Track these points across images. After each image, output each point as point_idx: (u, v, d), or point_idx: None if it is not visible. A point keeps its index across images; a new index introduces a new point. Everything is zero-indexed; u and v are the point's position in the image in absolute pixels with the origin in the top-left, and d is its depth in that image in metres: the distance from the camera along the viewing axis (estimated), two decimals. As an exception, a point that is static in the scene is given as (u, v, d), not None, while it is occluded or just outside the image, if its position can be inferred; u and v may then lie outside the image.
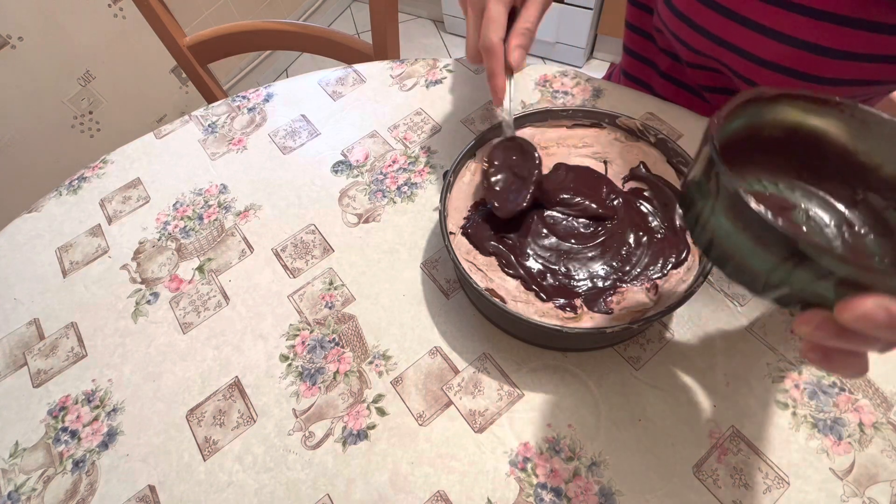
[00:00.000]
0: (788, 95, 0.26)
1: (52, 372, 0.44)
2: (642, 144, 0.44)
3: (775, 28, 0.43)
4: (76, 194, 0.55)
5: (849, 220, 0.29)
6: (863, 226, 0.28)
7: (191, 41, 0.81)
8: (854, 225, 0.29)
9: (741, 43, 0.46)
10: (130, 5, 1.26)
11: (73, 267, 0.50)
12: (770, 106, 0.27)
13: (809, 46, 0.42)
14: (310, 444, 0.38)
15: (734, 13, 0.45)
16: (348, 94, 0.59)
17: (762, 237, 0.21)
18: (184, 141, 0.58)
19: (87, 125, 1.32)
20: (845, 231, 0.29)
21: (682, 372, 0.39)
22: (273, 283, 0.46)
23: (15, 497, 0.39)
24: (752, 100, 0.26)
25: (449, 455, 0.37)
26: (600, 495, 0.35)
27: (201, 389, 0.42)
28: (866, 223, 0.28)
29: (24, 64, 1.14)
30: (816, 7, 0.40)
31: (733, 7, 0.45)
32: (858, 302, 0.19)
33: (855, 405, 0.37)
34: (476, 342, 0.41)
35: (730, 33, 0.46)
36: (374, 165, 0.53)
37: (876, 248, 0.28)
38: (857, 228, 0.28)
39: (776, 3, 0.42)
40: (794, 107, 0.27)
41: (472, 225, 0.42)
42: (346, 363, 0.42)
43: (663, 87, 0.60)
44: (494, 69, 0.40)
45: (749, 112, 0.26)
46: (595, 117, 0.45)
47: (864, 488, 0.34)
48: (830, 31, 0.41)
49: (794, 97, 0.27)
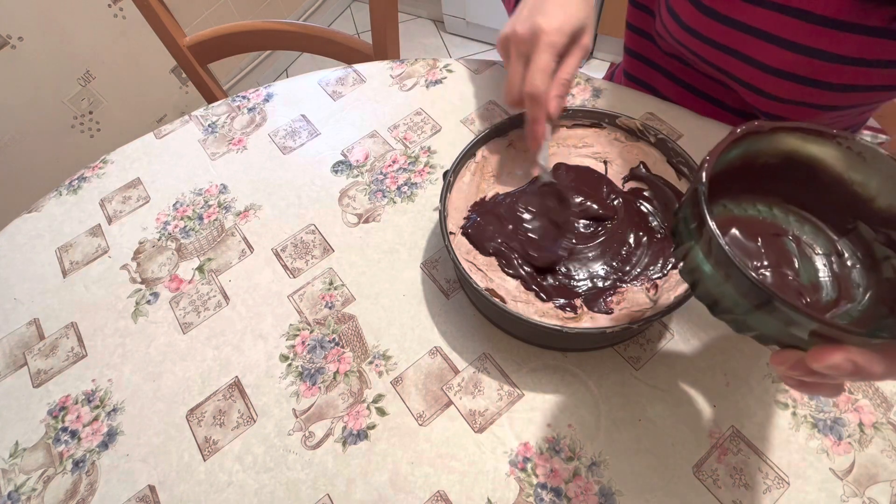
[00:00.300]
0: (784, 128, 0.27)
1: (52, 372, 0.44)
2: (642, 144, 0.44)
3: (780, 35, 0.43)
4: (76, 194, 0.55)
5: (838, 250, 0.29)
6: (852, 256, 0.29)
7: (191, 41, 0.81)
8: (843, 254, 0.29)
9: (748, 51, 0.46)
10: (130, 5, 1.26)
11: (73, 267, 0.50)
12: (767, 137, 0.27)
13: (813, 52, 0.42)
14: (310, 444, 0.38)
15: (739, 22, 0.45)
16: (348, 94, 0.59)
17: (741, 287, 0.23)
18: (184, 141, 0.58)
19: (87, 125, 1.32)
20: (834, 261, 0.29)
21: (682, 372, 0.39)
22: (273, 283, 0.46)
23: (15, 497, 0.39)
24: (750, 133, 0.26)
25: (449, 455, 0.37)
26: (600, 495, 0.35)
27: (201, 389, 0.42)
28: (855, 254, 0.29)
29: (24, 64, 1.14)
30: (817, 12, 0.41)
31: (738, 17, 0.45)
32: (828, 353, 0.21)
33: (855, 405, 0.37)
34: (476, 342, 0.41)
35: (736, 42, 0.46)
36: (374, 165, 0.53)
37: (861, 280, 0.28)
38: (845, 258, 0.29)
39: (779, 9, 0.42)
40: (792, 136, 0.27)
41: (472, 225, 0.42)
42: (346, 363, 0.42)
43: (668, 88, 0.60)
44: (538, 116, 0.41)
45: (746, 143, 0.27)
46: (595, 117, 0.45)
47: (864, 488, 0.34)
48: (831, 36, 0.41)
49: (790, 129, 0.27)
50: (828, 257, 0.29)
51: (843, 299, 0.28)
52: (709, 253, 0.24)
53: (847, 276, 0.29)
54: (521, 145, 0.46)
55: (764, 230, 0.30)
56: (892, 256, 0.27)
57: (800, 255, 0.30)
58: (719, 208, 0.31)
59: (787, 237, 0.30)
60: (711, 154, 0.25)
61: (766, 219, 0.31)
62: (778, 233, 0.30)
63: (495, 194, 0.44)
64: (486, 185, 0.44)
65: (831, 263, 0.29)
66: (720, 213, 0.31)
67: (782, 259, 0.30)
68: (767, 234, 0.30)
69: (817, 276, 0.29)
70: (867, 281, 0.28)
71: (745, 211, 0.31)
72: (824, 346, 0.21)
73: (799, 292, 0.28)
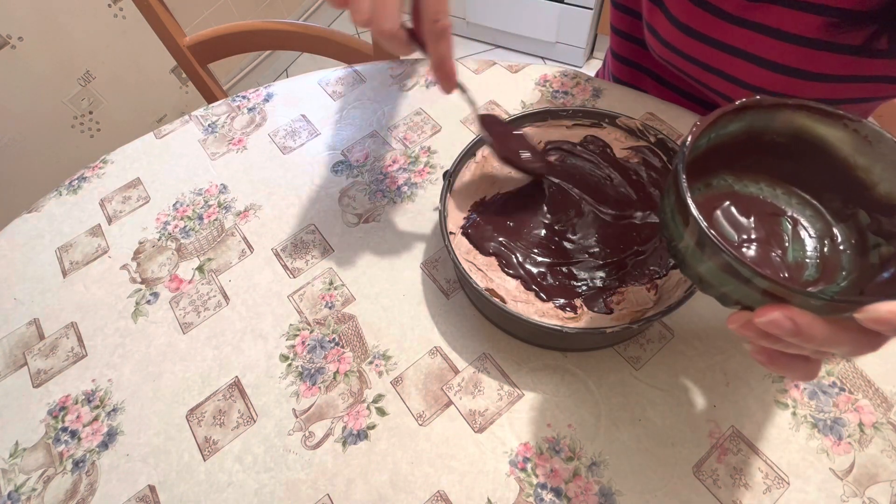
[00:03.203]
0: (789, 105, 0.27)
1: (52, 372, 0.44)
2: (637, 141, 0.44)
3: (758, 54, 0.44)
4: (76, 194, 0.55)
5: (833, 234, 0.30)
6: (845, 241, 0.29)
7: (191, 41, 0.81)
8: (836, 239, 0.29)
9: (729, 70, 0.46)
10: (130, 5, 1.26)
11: (73, 267, 0.50)
12: (770, 113, 0.27)
13: (792, 71, 0.43)
14: (310, 444, 0.38)
15: (716, 41, 0.45)
16: (348, 94, 0.59)
17: (702, 242, 0.24)
18: (184, 141, 0.58)
19: (87, 125, 1.32)
20: (826, 243, 0.29)
21: (682, 372, 0.39)
22: (273, 283, 0.46)
23: (15, 497, 0.39)
24: (749, 107, 0.26)
25: (449, 455, 0.37)
26: (600, 495, 0.35)
27: (201, 389, 0.42)
28: (849, 239, 0.29)
29: (24, 64, 1.13)
30: (793, 32, 0.41)
31: (715, 35, 0.45)
32: (770, 309, 0.21)
33: (855, 405, 0.37)
34: (476, 342, 0.41)
35: (714, 60, 0.47)
36: (374, 165, 0.53)
37: (848, 265, 0.28)
38: (838, 242, 0.29)
39: (756, 29, 0.43)
40: (799, 114, 0.27)
41: (471, 224, 0.42)
42: (346, 363, 0.42)
43: (659, 93, 0.59)
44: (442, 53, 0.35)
45: (748, 117, 0.27)
46: (595, 117, 0.45)
47: (864, 488, 0.34)
48: (809, 56, 0.41)
49: (795, 107, 0.27)
50: (820, 240, 0.30)
51: (823, 280, 0.28)
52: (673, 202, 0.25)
53: (836, 261, 0.29)
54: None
55: (761, 209, 0.31)
56: (882, 244, 0.27)
57: (792, 236, 0.30)
58: (719, 181, 0.31)
59: (785, 217, 0.30)
60: (703, 119, 0.26)
61: (766, 198, 0.31)
62: (775, 213, 0.31)
63: (495, 194, 0.44)
64: (486, 185, 0.44)
65: (822, 246, 0.29)
66: (721, 187, 0.31)
67: (773, 237, 0.30)
68: (764, 212, 0.31)
69: (804, 257, 0.29)
70: (852, 265, 0.28)
71: (746, 187, 0.31)
72: (769, 303, 0.22)
73: (777, 268, 0.29)
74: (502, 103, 0.55)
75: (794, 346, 0.23)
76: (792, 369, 0.24)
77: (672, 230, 0.26)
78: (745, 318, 0.23)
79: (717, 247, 0.22)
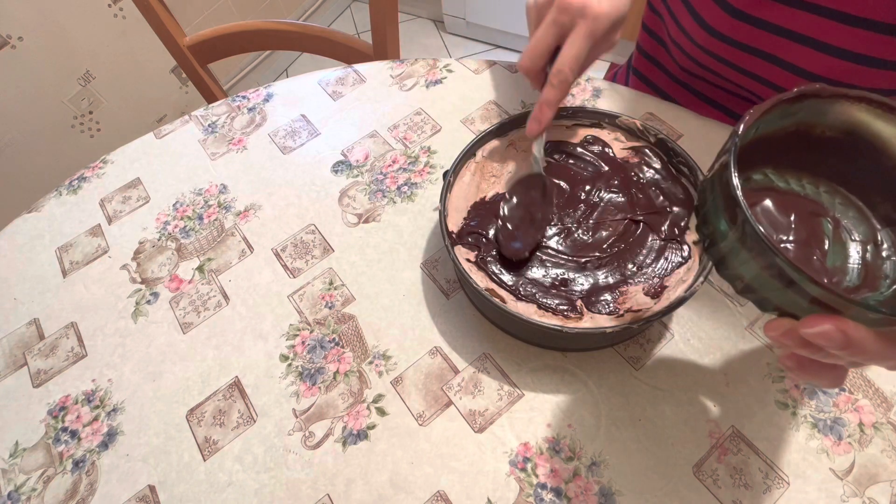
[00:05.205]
0: (848, 96, 0.25)
1: (52, 372, 0.44)
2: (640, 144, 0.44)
3: (824, 40, 0.42)
4: (76, 194, 0.55)
5: (877, 239, 0.27)
6: (890, 247, 0.27)
7: (191, 41, 0.81)
8: (881, 244, 0.27)
9: (790, 58, 0.45)
10: (130, 5, 1.26)
11: (73, 267, 0.50)
12: (827, 104, 0.25)
13: (857, 57, 0.41)
14: (310, 444, 0.38)
15: (780, 28, 0.44)
16: (348, 94, 0.59)
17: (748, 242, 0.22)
18: (184, 141, 0.58)
19: (87, 125, 1.32)
20: (869, 249, 0.27)
21: (682, 372, 0.39)
22: (273, 283, 0.46)
23: (15, 497, 0.39)
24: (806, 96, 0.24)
25: (449, 455, 0.37)
26: (600, 495, 0.35)
27: (201, 389, 0.42)
28: (894, 245, 0.27)
29: (24, 64, 1.14)
30: (862, 16, 0.39)
31: (780, 22, 0.43)
32: (821, 319, 0.20)
33: (855, 405, 0.37)
34: (476, 342, 0.41)
35: (771, 46, 0.45)
36: (374, 165, 0.53)
37: (892, 273, 0.26)
38: (882, 248, 0.27)
39: (824, 14, 0.41)
40: (857, 107, 0.25)
41: (473, 228, 0.42)
42: (346, 363, 0.42)
43: (676, 93, 0.60)
44: (554, 100, 0.39)
45: (804, 108, 0.25)
46: (595, 117, 0.45)
47: (864, 488, 0.34)
48: (878, 41, 0.40)
49: (855, 98, 0.25)
50: (864, 245, 0.28)
51: (866, 288, 0.26)
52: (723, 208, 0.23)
53: (878, 267, 0.27)
54: (521, 145, 0.46)
55: (802, 207, 0.29)
56: None
57: (833, 239, 0.28)
58: (760, 176, 0.29)
59: (826, 218, 0.28)
60: (757, 107, 0.24)
61: (808, 196, 0.29)
62: (817, 212, 0.29)
63: (495, 194, 0.44)
64: (486, 185, 0.44)
65: (865, 252, 0.27)
66: (760, 182, 0.29)
67: (812, 239, 0.28)
68: (805, 211, 0.28)
69: (846, 261, 0.27)
70: None
71: (788, 184, 0.29)
72: (820, 313, 0.20)
73: (817, 272, 0.27)
74: (502, 103, 0.55)
75: (832, 356, 0.21)
76: (821, 377, 0.23)
77: (713, 228, 0.24)
78: (786, 326, 0.22)
79: (767, 248, 0.20)
